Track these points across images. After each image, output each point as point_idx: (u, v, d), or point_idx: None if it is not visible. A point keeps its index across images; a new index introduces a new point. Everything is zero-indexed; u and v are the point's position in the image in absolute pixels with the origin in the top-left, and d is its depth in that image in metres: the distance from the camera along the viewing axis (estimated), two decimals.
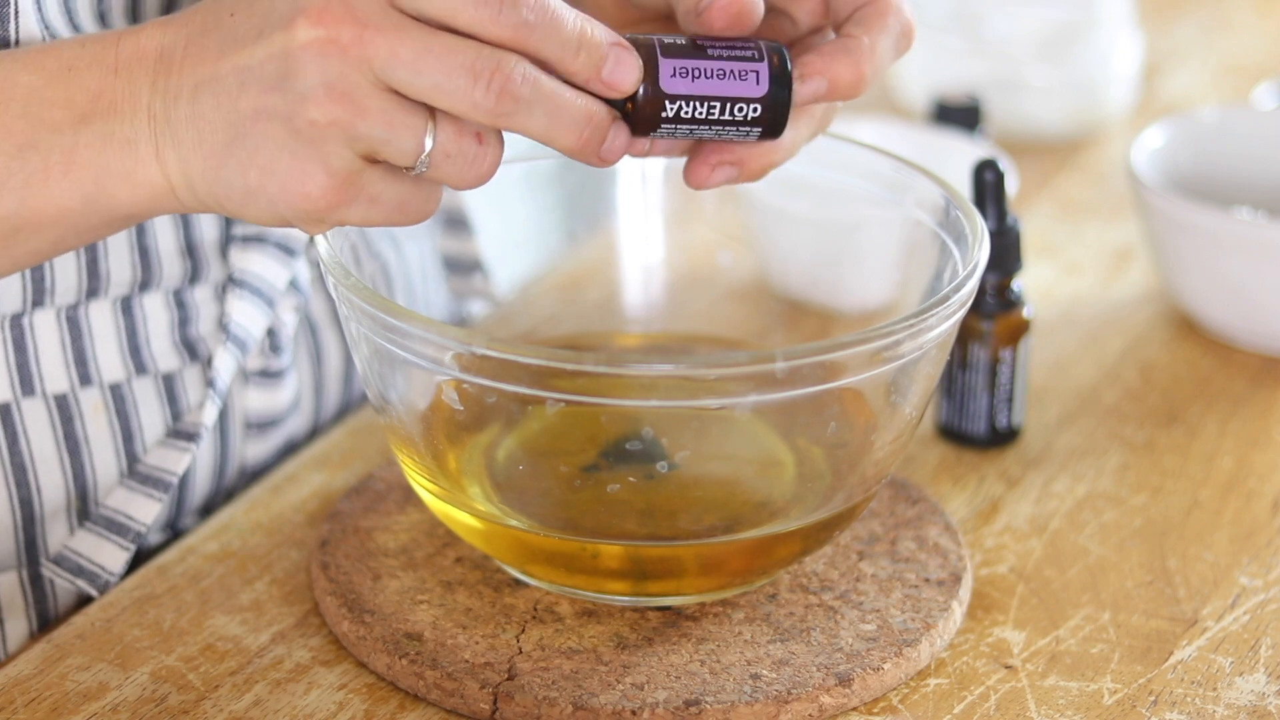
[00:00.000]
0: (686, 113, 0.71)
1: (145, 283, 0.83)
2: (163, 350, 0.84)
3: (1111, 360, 1.01)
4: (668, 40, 0.72)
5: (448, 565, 0.80)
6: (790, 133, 0.74)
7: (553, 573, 0.77)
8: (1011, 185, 1.01)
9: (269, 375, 0.88)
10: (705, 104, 0.71)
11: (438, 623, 0.77)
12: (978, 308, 0.91)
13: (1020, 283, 0.92)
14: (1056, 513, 0.88)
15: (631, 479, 0.79)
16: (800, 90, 0.72)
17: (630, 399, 0.74)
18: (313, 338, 0.91)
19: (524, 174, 0.87)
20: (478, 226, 1.01)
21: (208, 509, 0.89)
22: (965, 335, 0.91)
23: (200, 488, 0.87)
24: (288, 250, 0.86)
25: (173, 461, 0.83)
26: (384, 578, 0.79)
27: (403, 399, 0.76)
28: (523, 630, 0.77)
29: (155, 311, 0.84)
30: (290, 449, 0.91)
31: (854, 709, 0.75)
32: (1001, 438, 0.93)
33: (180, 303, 0.84)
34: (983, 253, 0.76)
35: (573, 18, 0.67)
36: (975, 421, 0.92)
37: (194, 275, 0.84)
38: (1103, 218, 1.17)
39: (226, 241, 0.85)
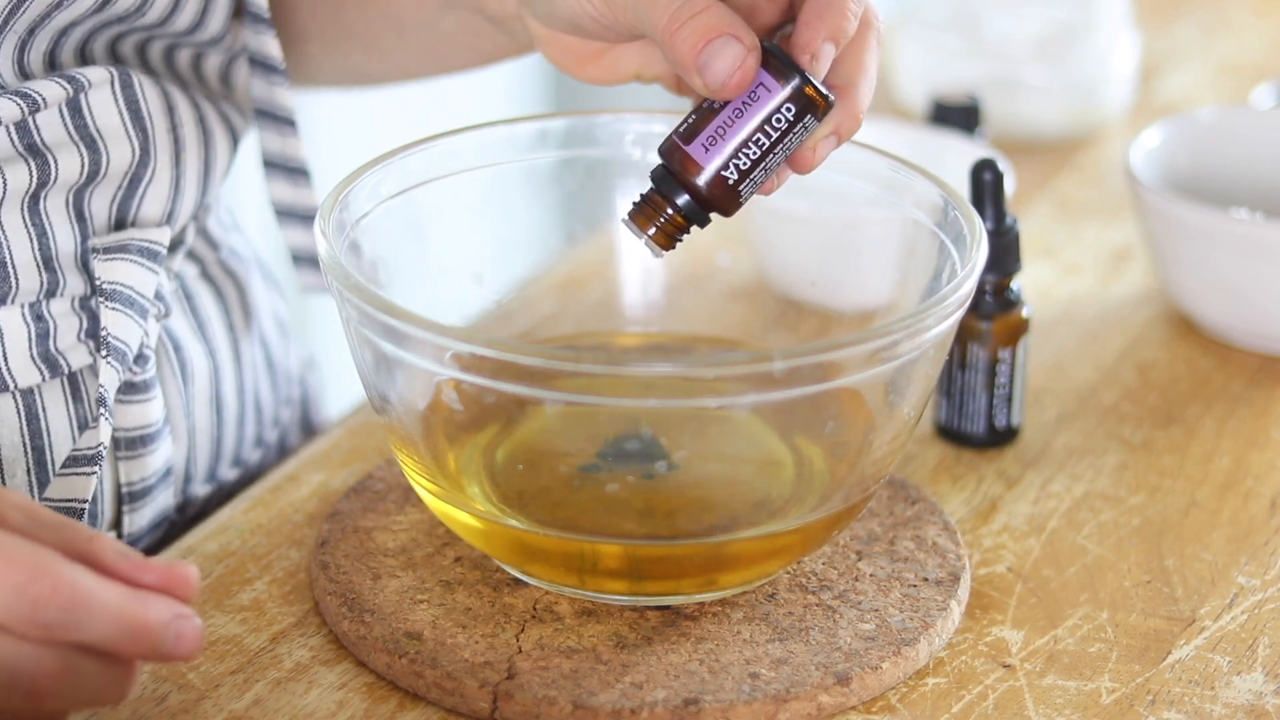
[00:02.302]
0: (745, 164, 0.74)
1: (1, 297, 0.81)
2: (21, 366, 0.82)
3: (1110, 360, 1.01)
4: (681, 127, 0.75)
5: (447, 565, 0.80)
6: (862, 82, 0.75)
7: (552, 572, 0.77)
8: (1010, 185, 1.01)
9: (134, 387, 0.84)
10: (751, 144, 0.74)
11: (437, 622, 0.77)
12: (976, 308, 0.91)
13: (1019, 283, 0.92)
14: (1055, 512, 0.88)
15: (630, 479, 0.79)
16: (820, 148, 0.75)
17: (629, 399, 0.74)
18: (177, 355, 0.89)
19: (524, 174, 0.87)
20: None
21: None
22: (964, 335, 0.91)
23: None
24: (151, 255, 0.84)
25: (80, 489, 0.80)
26: (384, 577, 0.80)
27: (402, 399, 0.76)
28: (522, 629, 0.77)
29: (13, 326, 0.81)
30: (168, 474, 0.87)
31: (852, 708, 0.75)
32: (1000, 437, 0.93)
33: (38, 316, 0.82)
34: (981, 253, 0.76)
35: (116, 604, 0.64)
36: (974, 421, 0.92)
37: (51, 288, 0.82)
38: (1101, 218, 1.17)
39: (84, 254, 0.83)
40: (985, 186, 0.91)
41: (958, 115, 1.12)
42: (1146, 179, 1.03)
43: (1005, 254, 0.91)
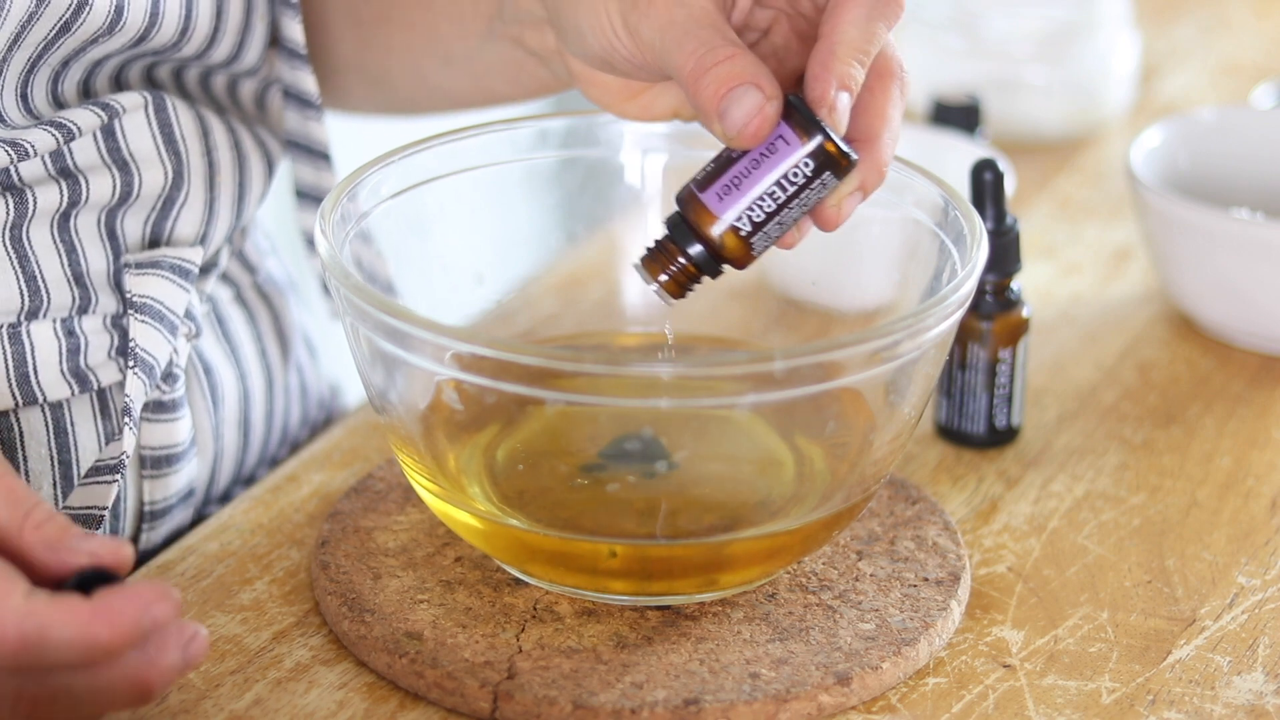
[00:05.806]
0: (759, 217, 0.73)
1: (33, 311, 0.81)
2: (51, 380, 0.82)
3: (1110, 360, 1.01)
4: (699, 175, 0.74)
5: (447, 565, 0.80)
6: (885, 133, 0.74)
7: (552, 572, 0.77)
8: (1010, 185, 1.01)
9: (162, 406, 0.84)
10: (767, 197, 0.73)
11: (437, 622, 0.77)
12: (977, 308, 0.91)
13: (1019, 283, 0.92)
14: (1055, 512, 0.88)
15: (631, 478, 0.79)
16: (845, 205, 0.74)
17: (630, 399, 0.74)
18: (207, 377, 0.89)
19: (524, 174, 0.87)
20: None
21: None
22: (964, 335, 0.91)
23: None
24: (183, 273, 0.84)
25: (100, 497, 0.80)
26: (384, 577, 0.80)
27: (403, 399, 0.76)
28: (522, 629, 0.77)
29: (44, 340, 0.81)
30: (190, 495, 0.87)
31: (853, 708, 0.75)
32: (1000, 437, 0.93)
33: (69, 331, 0.82)
34: (981, 253, 0.76)
35: (73, 634, 0.64)
36: (974, 421, 0.92)
37: (83, 305, 0.82)
38: (1101, 218, 1.17)
39: (117, 272, 0.83)
40: (985, 186, 0.91)
41: (958, 115, 1.12)
42: (1146, 179, 1.03)
43: (1005, 254, 0.91)
